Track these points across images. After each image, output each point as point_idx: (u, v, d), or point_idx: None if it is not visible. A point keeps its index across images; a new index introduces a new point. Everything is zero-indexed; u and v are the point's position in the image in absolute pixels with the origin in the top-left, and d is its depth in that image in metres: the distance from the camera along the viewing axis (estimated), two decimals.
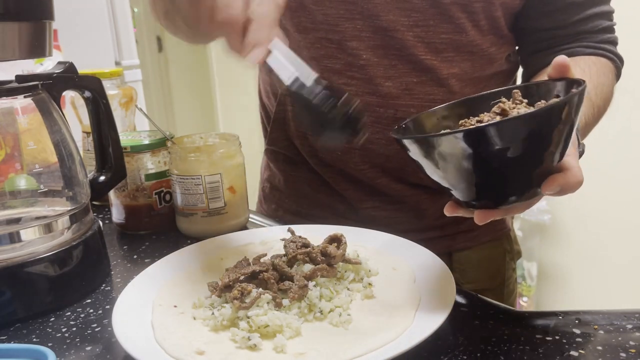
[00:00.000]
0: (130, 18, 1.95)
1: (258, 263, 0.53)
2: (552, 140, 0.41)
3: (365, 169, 0.74)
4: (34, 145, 0.61)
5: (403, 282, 0.52)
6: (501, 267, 0.83)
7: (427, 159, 0.42)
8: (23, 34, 0.53)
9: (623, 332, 0.45)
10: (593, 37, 0.71)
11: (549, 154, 0.42)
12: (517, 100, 0.46)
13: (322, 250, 0.52)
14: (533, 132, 0.40)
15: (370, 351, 0.42)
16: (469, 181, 0.42)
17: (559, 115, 0.40)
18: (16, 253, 0.53)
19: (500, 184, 0.43)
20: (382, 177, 0.75)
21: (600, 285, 1.85)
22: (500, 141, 0.39)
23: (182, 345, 0.44)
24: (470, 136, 0.39)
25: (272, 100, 0.81)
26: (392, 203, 0.77)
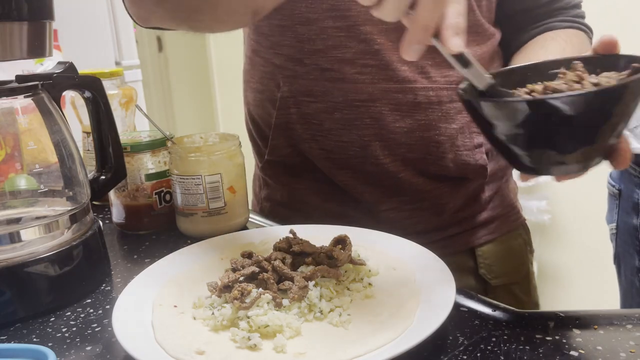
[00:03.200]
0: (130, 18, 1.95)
1: (258, 263, 0.53)
2: (631, 109, 0.41)
3: (386, 163, 0.71)
4: (34, 145, 0.61)
5: (403, 282, 0.52)
6: (524, 258, 0.82)
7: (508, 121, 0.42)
8: (23, 34, 0.53)
9: (623, 332, 0.45)
10: (567, 12, 0.74)
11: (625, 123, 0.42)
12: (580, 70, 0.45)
13: (327, 254, 0.52)
14: (623, 100, 0.40)
15: (370, 351, 0.42)
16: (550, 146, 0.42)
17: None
18: (16, 253, 0.53)
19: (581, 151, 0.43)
20: (403, 170, 0.71)
21: (600, 285, 1.85)
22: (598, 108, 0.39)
23: (182, 345, 0.44)
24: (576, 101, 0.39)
25: (267, 107, 0.76)
26: (411, 202, 0.74)
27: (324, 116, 0.71)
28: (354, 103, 0.69)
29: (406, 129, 0.69)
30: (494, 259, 0.77)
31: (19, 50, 0.53)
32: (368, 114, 0.69)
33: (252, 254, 0.54)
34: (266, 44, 0.74)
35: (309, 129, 0.72)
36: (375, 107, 0.68)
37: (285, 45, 0.71)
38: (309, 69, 0.70)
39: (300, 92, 0.71)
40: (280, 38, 0.71)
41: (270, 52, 0.74)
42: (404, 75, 0.67)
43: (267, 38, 0.73)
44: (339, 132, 0.71)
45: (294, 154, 0.76)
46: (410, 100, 0.68)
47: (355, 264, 0.54)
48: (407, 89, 0.68)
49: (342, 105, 0.70)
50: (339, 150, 0.71)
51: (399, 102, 0.68)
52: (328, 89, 0.70)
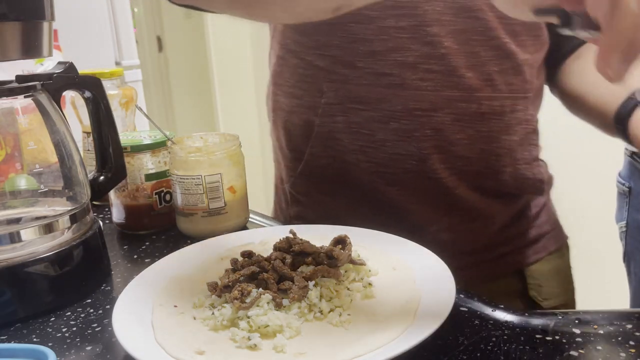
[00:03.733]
0: (130, 18, 1.95)
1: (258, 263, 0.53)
2: None
3: (443, 178, 0.65)
4: (34, 145, 0.61)
5: (403, 282, 0.52)
6: (570, 278, 0.78)
7: None
8: (16, 34, 0.53)
9: (623, 332, 0.45)
10: None
11: None
12: None
13: (327, 254, 0.52)
14: None
15: (370, 351, 0.42)
16: None
17: None
18: (16, 253, 0.53)
19: None
20: (458, 185, 0.66)
21: (600, 285, 1.85)
22: None
23: (182, 345, 0.44)
24: None
25: (305, 115, 0.69)
26: (463, 221, 0.68)
27: (377, 126, 0.64)
28: (414, 112, 0.63)
29: (467, 141, 0.64)
30: (544, 279, 0.73)
31: (13, 51, 0.53)
32: (429, 124, 0.63)
33: (252, 254, 0.54)
34: (308, 43, 0.66)
35: (357, 139, 0.65)
36: (437, 117, 0.63)
37: (334, 45, 0.64)
38: (361, 74, 0.64)
39: (349, 98, 0.65)
40: (327, 38, 0.64)
41: (314, 53, 0.66)
42: (470, 83, 0.62)
43: (310, 37, 0.66)
44: (395, 143, 0.64)
45: (334, 167, 0.69)
46: (473, 110, 0.63)
47: (355, 264, 0.54)
48: (472, 98, 0.63)
49: (400, 114, 0.63)
50: (391, 164, 0.65)
51: (462, 111, 0.63)
52: (384, 96, 0.63)
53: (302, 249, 0.53)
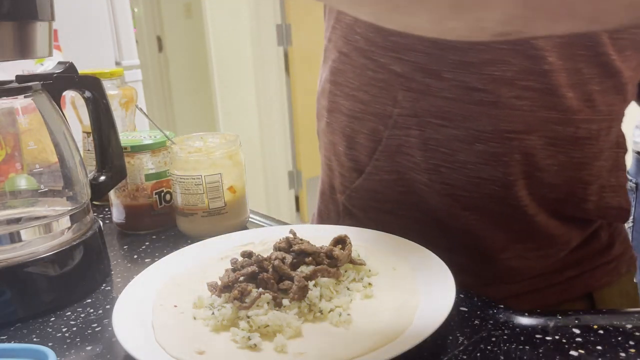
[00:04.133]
0: (130, 18, 1.95)
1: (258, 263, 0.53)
2: None
3: (525, 204, 0.59)
4: (34, 145, 0.61)
5: (403, 282, 0.52)
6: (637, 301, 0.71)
7: None
8: (23, 34, 0.53)
9: (623, 332, 0.45)
10: None
11: None
12: None
13: (327, 254, 0.53)
14: None
15: (370, 351, 0.42)
16: None
17: None
18: (16, 253, 0.53)
19: None
20: (539, 212, 0.60)
21: None
22: None
23: (182, 345, 0.44)
24: None
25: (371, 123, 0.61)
26: (537, 248, 0.63)
27: (460, 146, 0.57)
28: (505, 134, 0.56)
29: (557, 167, 0.58)
30: (612, 304, 0.68)
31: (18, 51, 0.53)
32: (520, 148, 0.56)
33: (252, 254, 0.54)
34: (384, 44, 0.58)
35: (432, 157, 0.59)
36: (530, 141, 0.56)
37: (418, 51, 0.57)
38: (448, 86, 0.56)
39: (429, 112, 0.58)
40: (410, 40, 0.57)
41: (391, 56, 0.58)
42: (569, 104, 0.55)
43: (387, 37, 0.58)
44: (478, 166, 0.58)
45: (400, 184, 0.62)
46: (569, 133, 0.56)
47: (355, 264, 0.54)
48: (570, 120, 0.56)
49: (489, 135, 0.56)
50: (470, 188, 0.58)
51: (557, 135, 0.56)
52: (472, 114, 0.56)
53: (302, 249, 0.53)
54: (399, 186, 0.62)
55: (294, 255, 0.53)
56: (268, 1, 2.90)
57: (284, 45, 2.97)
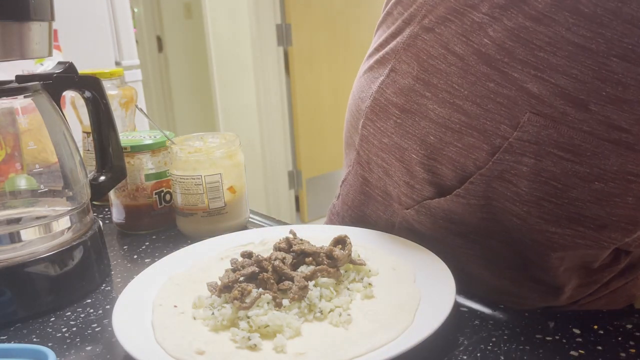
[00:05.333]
0: (130, 18, 1.95)
1: (258, 263, 0.53)
2: None
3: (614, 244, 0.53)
4: (34, 145, 0.61)
5: (403, 282, 0.52)
6: None
7: None
8: (22, 34, 0.53)
9: (623, 332, 0.45)
10: None
11: None
12: None
13: (327, 254, 0.53)
14: None
15: (370, 351, 0.42)
16: None
17: None
18: (16, 253, 0.53)
19: None
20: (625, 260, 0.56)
21: None
22: None
23: (182, 345, 0.44)
24: None
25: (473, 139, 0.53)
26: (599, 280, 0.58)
27: (577, 182, 0.51)
28: (627, 176, 0.50)
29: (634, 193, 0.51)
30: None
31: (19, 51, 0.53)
32: (634, 191, 0.50)
33: (252, 254, 0.54)
34: (527, 58, 0.49)
35: (539, 190, 0.52)
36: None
37: (570, 76, 0.48)
38: (589, 119, 0.48)
39: (556, 143, 0.50)
40: (563, 62, 0.47)
41: (530, 73, 0.49)
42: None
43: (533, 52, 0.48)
44: (587, 205, 0.52)
45: (484, 210, 0.55)
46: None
47: (355, 264, 0.54)
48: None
49: (612, 175, 0.50)
50: (569, 226, 0.53)
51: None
52: (605, 152, 0.49)
53: (302, 249, 0.53)
54: (484, 212, 0.55)
55: (294, 256, 0.53)
56: (268, 1, 2.90)
57: (284, 45, 2.97)
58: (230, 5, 3.00)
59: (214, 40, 3.14)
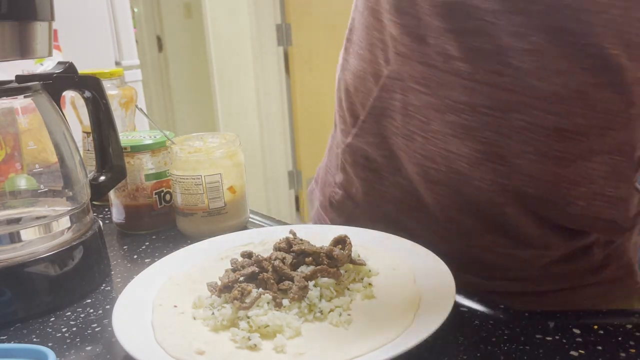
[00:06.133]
0: (130, 18, 1.95)
1: (258, 263, 0.53)
2: None
3: (493, 191, 0.56)
4: (34, 145, 0.61)
5: (403, 282, 0.52)
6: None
7: None
8: (23, 34, 0.53)
9: (623, 332, 0.45)
10: None
11: None
12: None
13: (327, 254, 0.53)
14: None
15: (370, 351, 0.42)
16: None
17: None
18: (16, 253, 0.53)
19: None
20: (511, 204, 0.57)
21: None
22: None
23: (182, 345, 0.44)
24: None
25: (368, 82, 0.61)
26: (510, 245, 0.59)
27: (434, 114, 0.56)
28: (478, 108, 0.54)
29: (533, 157, 0.54)
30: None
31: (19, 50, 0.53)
32: (492, 125, 0.54)
33: (252, 254, 0.54)
34: (387, 5, 0.57)
35: (410, 124, 0.58)
36: (506, 121, 0.53)
37: (410, 15, 0.55)
38: (430, 52, 0.55)
39: (412, 77, 0.57)
40: (406, 4, 0.55)
41: (390, 18, 0.57)
42: (553, 90, 0.52)
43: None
44: (448, 138, 0.56)
45: (382, 146, 0.62)
46: (549, 124, 0.53)
47: (355, 264, 0.54)
48: (552, 108, 0.52)
49: (463, 107, 0.55)
50: (440, 160, 0.57)
51: (534, 121, 0.53)
52: (449, 83, 0.54)
53: (302, 249, 0.53)
54: (382, 149, 0.63)
55: (294, 256, 0.53)
56: (268, 1, 2.90)
57: (284, 45, 2.97)
58: (230, 5, 3.00)
59: (214, 40, 3.14)
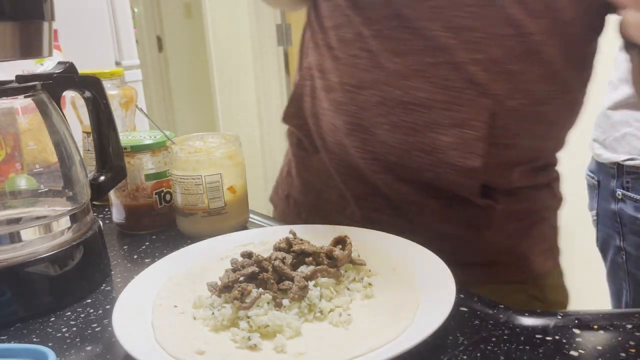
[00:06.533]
0: (130, 18, 1.95)
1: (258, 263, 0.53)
2: None
3: (366, 159, 0.65)
4: (34, 145, 0.61)
5: (403, 282, 0.52)
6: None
7: None
8: (23, 34, 0.53)
9: (623, 332, 0.45)
10: None
11: None
12: None
13: (327, 254, 0.53)
14: None
15: (370, 351, 0.42)
16: None
17: None
18: (16, 253, 0.53)
19: None
20: (384, 172, 0.65)
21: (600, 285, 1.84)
22: None
23: (182, 345, 0.44)
24: None
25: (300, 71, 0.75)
26: (391, 207, 0.67)
27: (324, 95, 0.68)
28: (344, 87, 0.65)
29: (387, 127, 0.63)
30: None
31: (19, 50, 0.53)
32: (356, 101, 0.64)
33: (252, 254, 0.54)
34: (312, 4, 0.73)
35: (315, 105, 0.70)
36: (363, 96, 0.64)
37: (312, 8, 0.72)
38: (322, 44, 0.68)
39: (315, 64, 0.70)
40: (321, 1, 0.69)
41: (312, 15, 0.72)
42: (396, 69, 0.61)
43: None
44: (329, 113, 0.68)
45: (303, 126, 0.74)
46: (396, 97, 0.61)
47: (355, 264, 0.54)
48: (397, 84, 0.61)
49: (335, 86, 0.66)
50: (330, 134, 0.69)
51: (385, 95, 0.62)
52: (330, 67, 0.67)
53: (302, 249, 0.53)
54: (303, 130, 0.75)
55: (294, 256, 0.53)
56: None
57: (284, 45, 2.97)
58: (230, 5, 3.00)
59: (214, 40, 3.14)
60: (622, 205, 0.98)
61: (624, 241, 0.99)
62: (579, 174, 1.16)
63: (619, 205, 0.99)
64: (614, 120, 0.95)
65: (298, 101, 0.73)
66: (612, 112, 0.96)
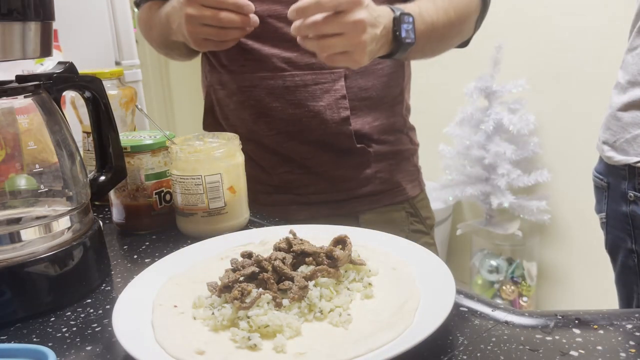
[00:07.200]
0: (130, 18, 1.95)
1: (258, 263, 0.53)
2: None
3: (271, 135, 0.89)
4: (34, 145, 0.61)
5: (403, 282, 0.52)
6: (403, 225, 0.97)
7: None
8: (24, 34, 0.53)
9: (623, 332, 0.45)
10: None
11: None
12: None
13: (327, 254, 0.53)
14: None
15: (370, 351, 0.42)
16: None
17: None
18: (16, 253, 0.53)
19: None
20: (287, 141, 0.89)
21: (600, 285, 1.85)
22: None
23: (182, 345, 0.44)
24: None
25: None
26: (299, 167, 0.91)
27: (227, 100, 0.92)
28: (242, 89, 0.89)
29: (281, 108, 0.87)
30: (374, 225, 0.81)
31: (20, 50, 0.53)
32: (253, 97, 0.88)
33: (252, 254, 0.54)
34: None
35: (222, 111, 0.94)
36: (256, 92, 0.88)
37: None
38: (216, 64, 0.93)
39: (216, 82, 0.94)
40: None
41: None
42: (276, 65, 0.86)
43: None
44: (235, 111, 0.92)
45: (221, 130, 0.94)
46: (280, 85, 0.86)
47: (355, 264, 0.54)
48: (277, 77, 0.86)
49: (236, 89, 0.90)
50: (242, 126, 0.91)
51: (272, 87, 0.86)
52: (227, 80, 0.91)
53: (302, 249, 0.53)
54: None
55: (294, 256, 0.53)
56: None
57: None
58: None
59: None
60: (634, 207, 0.97)
61: (635, 244, 0.99)
62: (579, 177, 1.15)
63: (630, 207, 0.98)
64: (624, 122, 0.94)
65: (211, 112, 0.97)
66: (623, 114, 0.95)
